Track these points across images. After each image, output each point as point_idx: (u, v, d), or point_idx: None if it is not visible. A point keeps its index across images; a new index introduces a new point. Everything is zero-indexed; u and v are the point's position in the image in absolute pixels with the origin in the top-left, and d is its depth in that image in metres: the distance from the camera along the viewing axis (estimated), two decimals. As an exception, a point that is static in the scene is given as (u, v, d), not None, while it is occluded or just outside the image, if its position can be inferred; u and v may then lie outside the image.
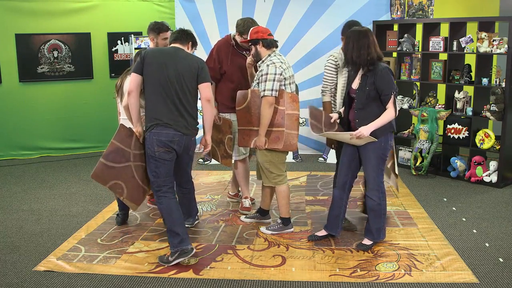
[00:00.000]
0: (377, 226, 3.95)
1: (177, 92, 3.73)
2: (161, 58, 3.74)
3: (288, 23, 7.04)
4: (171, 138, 3.73)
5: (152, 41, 4.78)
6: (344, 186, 4.01)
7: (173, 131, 3.73)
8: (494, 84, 5.59)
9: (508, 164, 5.68)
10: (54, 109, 7.25)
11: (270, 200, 4.54)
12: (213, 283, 3.53)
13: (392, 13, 6.77)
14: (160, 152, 3.72)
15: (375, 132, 3.72)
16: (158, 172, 3.78)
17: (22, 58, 6.98)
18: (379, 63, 3.72)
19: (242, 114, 4.18)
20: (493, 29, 5.78)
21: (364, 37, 3.69)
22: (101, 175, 3.77)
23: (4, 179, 6.22)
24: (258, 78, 4.11)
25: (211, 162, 6.82)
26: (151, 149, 3.73)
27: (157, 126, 3.71)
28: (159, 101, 3.72)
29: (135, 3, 7.40)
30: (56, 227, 4.63)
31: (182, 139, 3.79)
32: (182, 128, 3.76)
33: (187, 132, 3.80)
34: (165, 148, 3.73)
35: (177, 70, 3.73)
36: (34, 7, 6.94)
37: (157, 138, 3.70)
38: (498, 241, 4.16)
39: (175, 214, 3.81)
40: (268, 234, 4.31)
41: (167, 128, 3.71)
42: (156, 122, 3.71)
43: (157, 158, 3.74)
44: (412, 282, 3.48)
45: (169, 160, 3.80)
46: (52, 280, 3.60)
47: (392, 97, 3.68)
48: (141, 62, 3.73)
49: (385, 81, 3.66)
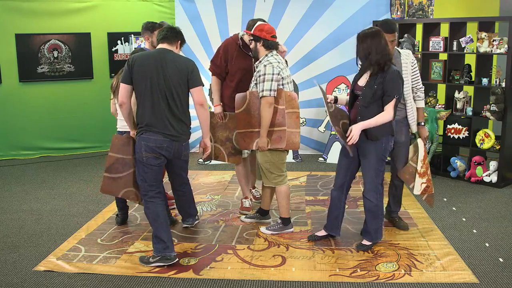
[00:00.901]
0: (375, 226, 3.95)
1: (166, 98, 3.66)
2: (149, 64, 3.65)
3: (288, 23, 7.04)
4: (160, 144, 3.68)
5: (147, 40, 4.78)
6: (342, 187, 4.01)
7: (161, 137, 3.67)
8: (494, 84, 5.59)
9: (508, 164, 5.68)
10: (54, 109, 7.25)
11: (270, 200, 4.54)
12: (213, 283, 3.53)
13: (392, 13, 6.77)
14: (148, 157, 3.68)
15: (376, 133, 3.72)
16: (145, 177, 3.74)
17: (22, 58, 6.98)
18: (391, 65, 3.72)
19: (242, 117, 4.16)
20: (493, 29, 5.78)
21: (382, 38, 3.67)
22: (109, 188, 3.90)
23: (4, 179, 6.22)
24: (256, 79, 4.10)
25: (211, 162, 6.81)
26: (139, 154, 3.70)
27: (146, 132, 3.67)
28: (148, 107, 3.66)
29: (135, 3, 7.40)
30: (56, 227, 4.63)
31: (172, 145, 3.72)
32: (172, 134, 3.70)
33: (177, 138, 3.74)
34: (153, 153, 3.68)
35: (165, 75, 3.65)
36: (34, 7, 6.94)
37: (146, 143, 3.66)
38: (498, 241, 4.16)
39: (161, 220, 3.77)
40: (268, 234, 4.31)
41: (155, 134, 3.66)
42: (145, 128, 3.67)
43: (145, 163, 3.70)
44: (412, 282, 3.48)
45: (157, 166, 3.74)
46: (52, 280, 3.60)
47: (393, 101, 3.67)
48: (129, 71, 3.66)
49: (393, 83, 3.65)
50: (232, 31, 7.02)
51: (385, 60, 3.64)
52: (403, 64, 4.12)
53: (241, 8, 7.09)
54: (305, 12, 6.99)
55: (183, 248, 4.09)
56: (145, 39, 4.80)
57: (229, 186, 5.80)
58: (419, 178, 4.13)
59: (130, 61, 3.68)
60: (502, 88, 5.46)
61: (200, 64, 7.17)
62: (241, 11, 7.08)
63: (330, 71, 6.91)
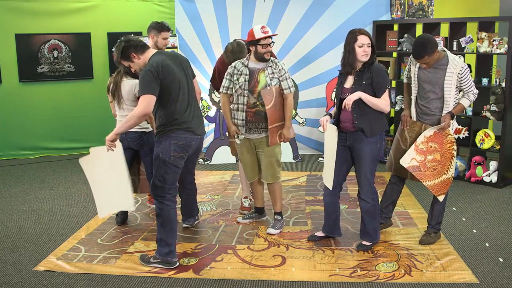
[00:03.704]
0: (373, 226, 3.95)
1: (190, 92, 3.74)
2: (173, 68, 3.64)
3: (288, 23, 7.04)
4: (189, 142, 3.70)
5: (152, 39, 4.74)
6: (335, 190, 4.00)
7: (191, 135, 3.70)
8: (494, 84, 5.59)
9: (508, 164, 5.68)
10: (54, 109, 7.25)
11: (263, 197, 4.64)
12: (213, 283, 3.53)
13: (392, 13, 6.77)
14: (175, 157, 3.66)
15: (372, 127, 3.74)
16: (166, 178, 3.69)
17: (22, 58, 6.98)
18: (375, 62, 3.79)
19: (272, 113, 4.18)
20: (493, 29, 5.78)
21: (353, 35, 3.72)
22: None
23: (4, 179, 6.22)
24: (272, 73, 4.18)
25: (211, 162, 6.82)
26: (166, 154, 3.63)
27: (177, 130, 3.64)
28: (183, 106, 3.66)
29: (135, 3, 7.40)
30: (56, 227, 4.63)
31: (197, 142, 3.79)
32: (198, 128, 3.76)
33: (202, 132, 3.83)
34: (182, 153, 3.68)
35: (183, 72, 3.73)
36: (34, 7, 6.94)
37: (176, 142, 3.64)
38: (498, 241, 4.16)
39: (173, 226, 3.75)
40: (277, 234, 4.33)
41: (186, 132, 3.67)
42: (177, 126, 3.63)
43: (170, 163, 3.65)
44: (412, 282, 3.48)
45: (179, 167, 3.75)
46: (52, 280, 3.60)
47: (386, 91, 3.73)
48: (157, 81, 3.49)
49: (381, 75, 3.73)
50: (232, 31, 7.04)
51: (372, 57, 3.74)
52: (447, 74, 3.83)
53: (241, 8, 7.08)
54: (305, 12, 6.99)
55: (183, 248, 4.09)
56: (150, 38, 4.76)
57: (229, 186, 5.80)
58: (413, 151, 3.96)
59: (155, 72, 3.49)
60: (502, 88, 5.46)
61: (200, 64, 7.18)
62: (241, 11, 7.08)
63: (330, 71, 6.90)
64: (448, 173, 3.95)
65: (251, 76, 4.18)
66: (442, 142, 3.91)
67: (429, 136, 3.92)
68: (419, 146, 3.95)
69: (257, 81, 4.18)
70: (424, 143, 3.93)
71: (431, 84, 3.89)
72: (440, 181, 3.96)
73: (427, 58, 3.77)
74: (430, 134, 3.93)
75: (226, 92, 4.30)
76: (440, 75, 3.85)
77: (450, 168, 3.95)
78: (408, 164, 3.97)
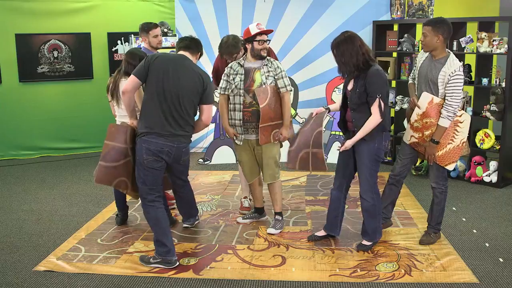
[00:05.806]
0: (372, 226, 3.95)
1: (174, 104, 3.65)
2: (166, 67, 3.64)
3: (288, 23, 7.03)
4: (160, 148, 3.65)
5: (145, 41, 4.79)
6: (341, 187, 4.03)
7: (162, 141, 3.64)
8: (494, 84, 5.59)
9: (508, 164, 5.68)
10: (54, 109, 7.25)
11: (262, 198, 4.64)
12: (213, 283, 3.53)
13: (392, 13, 6.77)
14: (148, 160, 3.66)
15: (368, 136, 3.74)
16: (145, 180, 3.71)
17: (22, 58, 6.98)
18: (372, 66, 3.71)
19: (265, 111, 4.16)
20: (493, 29, 5.78)
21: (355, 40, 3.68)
22: (104, 177, 3.81)
23: (4, 179, 6.22)
24: (268, 72, 4.16)
25: (211, 162, 6.82)
26: (140, 156, 3.67)
27: (148, 134, 3.64)
28: (153, 110, 3.64)
29: (135, 3, 7.40)
30: (56, 227, 4.63)
31: (172, 150, 3.70)
32: (173, 139, 3.68)
33: (178, 143, 3.72)
34: (154, 157, 3.66)
35: (178, 82, 3.65)
36: (34, 7, 6.94)
37: (147, 146, 3.64)
38: (498, 241, 4.16)
39: (162, 225, 3.75)
40: (278, 234, 4.33)
41: (157, 137, 3.64)
42: (147, 130, 3.64)
43: (145, 166, 3.67)
44: (412, 282, 3.48)
45: (157, 169, 3.72)
46: (52, 280, 3.60)
47: (376, 100, 3.65)
48: (145, 67, 3.63)
49: (374, 83, 3.66)
50: (232, 31, 7.00)
51: (362, 61, 3.66)
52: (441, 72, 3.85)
53: (241, 8, 7.08)
54: (305, 12, 6.99)
55: (183, 248, 4.09)
56: (142, 40, 4.80)
57: (229, 186, 5.80)
58: (410, 129, 4.01)
59: (150, 58, 3.65)
60: (502, 88, 5.46)
61: (200, 64, 7.16)
62: (241, 11, 7.08)
63: (330, 71, 6.89)
64: (454, 142, 3.93)
65: (247, 75, 4.19)
66: (437, 115, 3.88)
67: (422, 113, 3.92)
68: (414, 124, 3.99)
69: (253, 80, 4.18)
70: (418, 121, 3.95)
71: (427, 78, 3.94)
72: (445, 151, 3.93)
73: (428, 28, 3.85)
74: (422, 111, 3.92)
75: (224, 93, 4.29)
76: (436, 72, 3.90)
77: (455, 137, 3.92)
78: (409, 141, 4.03)
